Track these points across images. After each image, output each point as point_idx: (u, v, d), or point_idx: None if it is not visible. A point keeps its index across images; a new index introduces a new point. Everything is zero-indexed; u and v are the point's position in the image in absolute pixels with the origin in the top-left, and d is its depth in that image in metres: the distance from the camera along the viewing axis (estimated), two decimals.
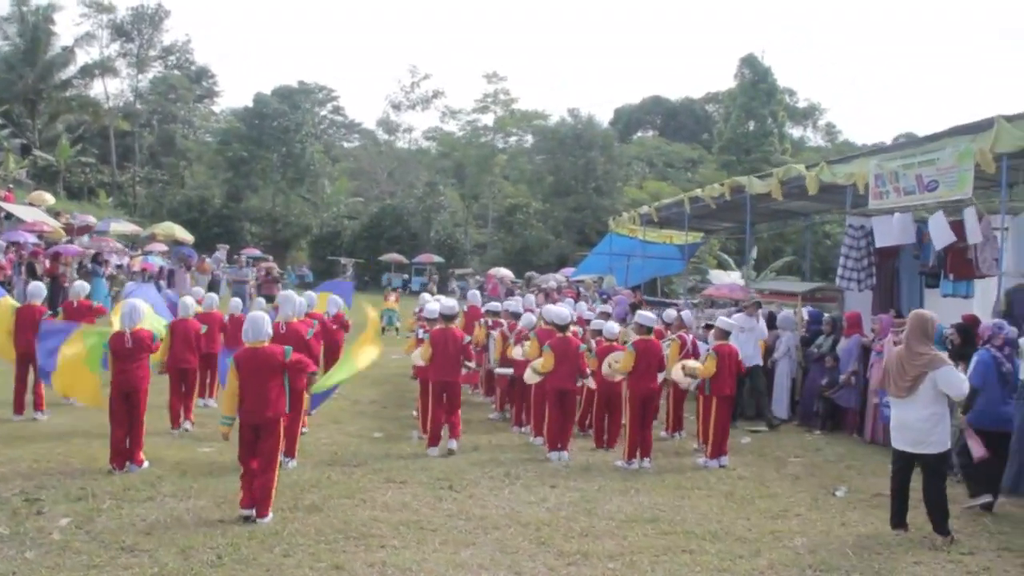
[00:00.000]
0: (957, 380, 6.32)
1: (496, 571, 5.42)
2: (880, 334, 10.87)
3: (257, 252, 31.72)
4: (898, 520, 6.69)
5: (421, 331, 10.06)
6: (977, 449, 6.93)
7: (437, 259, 38.25)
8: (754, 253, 33.72)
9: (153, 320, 9.23)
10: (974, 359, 7.62)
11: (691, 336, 10.93)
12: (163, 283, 18.38)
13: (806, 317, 13.35)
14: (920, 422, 6.33)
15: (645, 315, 9.48)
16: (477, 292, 15.43)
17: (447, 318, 9.40)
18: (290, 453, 8.02)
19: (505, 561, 5.62)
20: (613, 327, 10.29)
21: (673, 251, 27.31)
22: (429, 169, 46.55)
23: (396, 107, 46.91)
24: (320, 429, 9.93)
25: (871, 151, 13.13)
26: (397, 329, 21.00)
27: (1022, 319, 10.21)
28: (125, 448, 7.74)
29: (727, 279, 27.50)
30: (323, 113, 55.47)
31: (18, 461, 7.81)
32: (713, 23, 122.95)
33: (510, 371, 10.93)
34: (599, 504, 7.22)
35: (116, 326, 8.02)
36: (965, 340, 8.21)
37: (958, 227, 11.72)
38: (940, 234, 11.85)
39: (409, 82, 46.44)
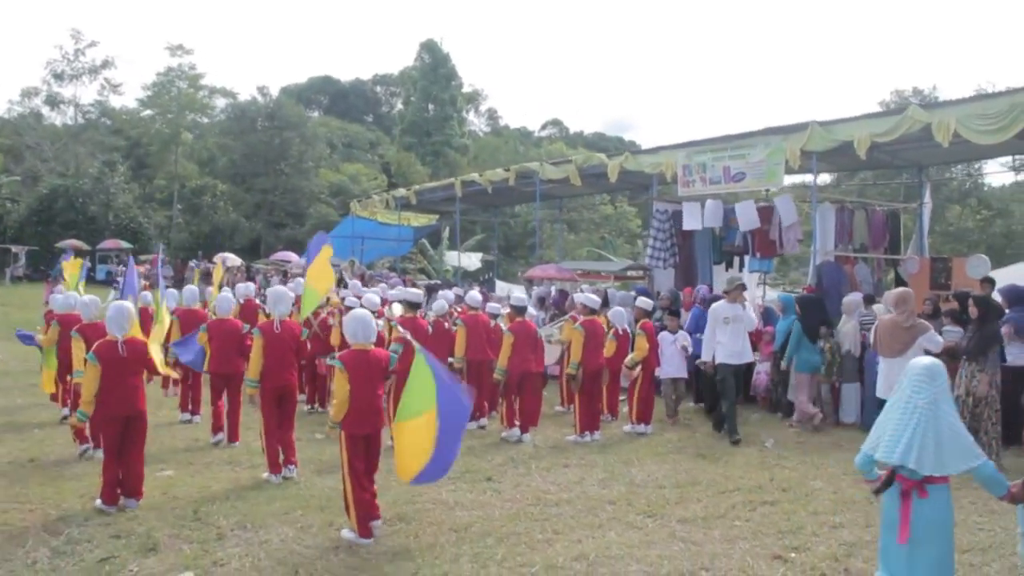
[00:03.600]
0: (937, 339, 7.90)
1: (671, 544, 5.71)
2: None
3: None
4: None
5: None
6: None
7: (125, 244, 34.43)
8: (446, 233, 35.44)
9: None
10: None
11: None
12: None
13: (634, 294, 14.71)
14: None
15: (590, 297, 9.99)
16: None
17: (414, 306, 9.17)
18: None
19: (659, 534, 5.92)
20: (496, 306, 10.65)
21: (408, 233, 27.79)
22: (99, 147, 41.24)
23: (59, 77, 40.64)
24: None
25: (679, 145, 14.75)
26: None
27: (830, 287, 12.51)
28: (119, 481, 6.54)
29: (463, 260, 28.60)
30: None
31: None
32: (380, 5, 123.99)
33: None
34: (636, 476, 7.69)
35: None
36: (963, 309, 9.53)
37: (762, 212, 13.83)
38: (748, 219, 13.82)
39: (72, 49, 40.51)
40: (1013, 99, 10.31)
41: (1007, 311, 8.87)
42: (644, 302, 10.43)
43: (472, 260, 28.23)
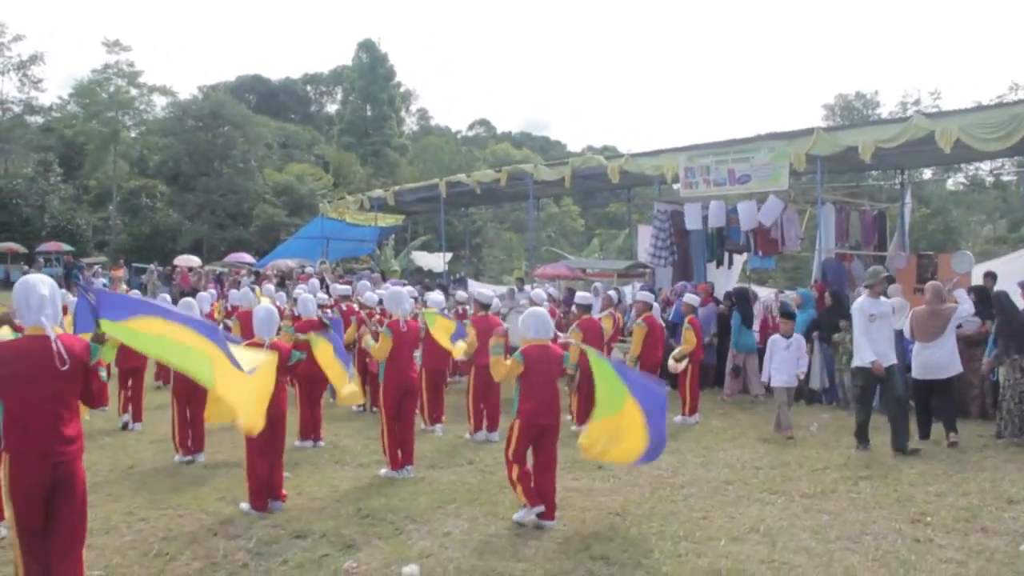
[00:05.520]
0: (964, 311, 9.18)
1: (817, 516, 6.34)
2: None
3: None
4: (924, 432, 9.10)
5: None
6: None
7: (67, 248, 33.32)
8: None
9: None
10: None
11: (619, 313, 12.22)
12: None
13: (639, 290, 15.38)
14: (948, 355, 8.90)
15: (646, 294, 10.55)
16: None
17: (485, 306, 9.58)
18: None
19: (793, 507, 6.55)
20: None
21: (373, 233, 27.92)
22: (29, 146, 39.58)
23: None
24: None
25: (680, 148, 15.49)
26: None
27: (834, 282, 13.43)
28: (268, 485, 6.75)
29: (430, 259, 28.82)
30: None
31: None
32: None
33: None
34: (727, 459, 8.34)
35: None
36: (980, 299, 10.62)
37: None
38: (750, 218, 14.64)
39: None
40: (1012, 110, 11.41)
41: None
42: (692, 298, 11.09)
43: (440, 260, 28.46)
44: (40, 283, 4.23)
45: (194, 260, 28.84)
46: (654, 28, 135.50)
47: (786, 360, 9.68)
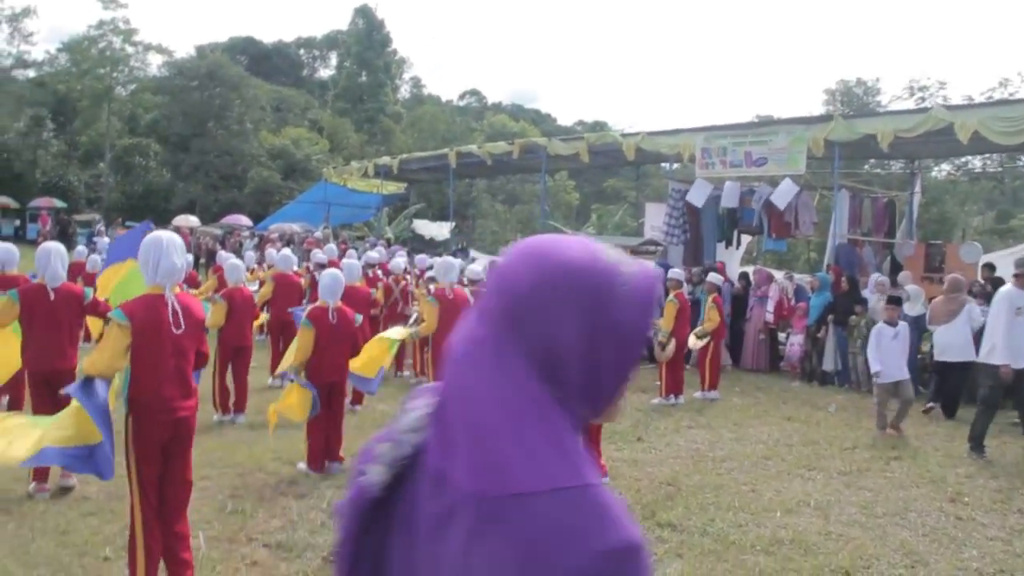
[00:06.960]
0: (977, 312, 9.68)
1: (858, 492, 6.65)
2: (760, 283, 13.58)
3: None
4: (949, 413, 9.88)
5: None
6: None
7: (59, 203, 33.04)
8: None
9: None
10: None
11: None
12: None
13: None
14: (962, 339, 9.60)
15: (679, 272, 10.77)
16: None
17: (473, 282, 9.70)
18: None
19: (834, 484, 6.85)
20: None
21: (376, 200, 27.94)
22: (21, 101, 38.93)
23: None
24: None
25: (697, 128, 15.67)
26: None
27: (846, 267, 13.71)
28: (325, 447, 6.92)
29: (432, 228, 28.85)
30: None
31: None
32: None
33: None
34: (758, 436, 8.64)
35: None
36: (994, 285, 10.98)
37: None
38: (775, 199, 14.83)
39: None
40: None
41: None
42: (715, 277, 11.31)
43: (443, 230, 28.55)
44: (174, 250, 4.24)
45: (192, 220, 28.76)
46: (648, 4, 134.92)
47: (893, 350, 8.80)
